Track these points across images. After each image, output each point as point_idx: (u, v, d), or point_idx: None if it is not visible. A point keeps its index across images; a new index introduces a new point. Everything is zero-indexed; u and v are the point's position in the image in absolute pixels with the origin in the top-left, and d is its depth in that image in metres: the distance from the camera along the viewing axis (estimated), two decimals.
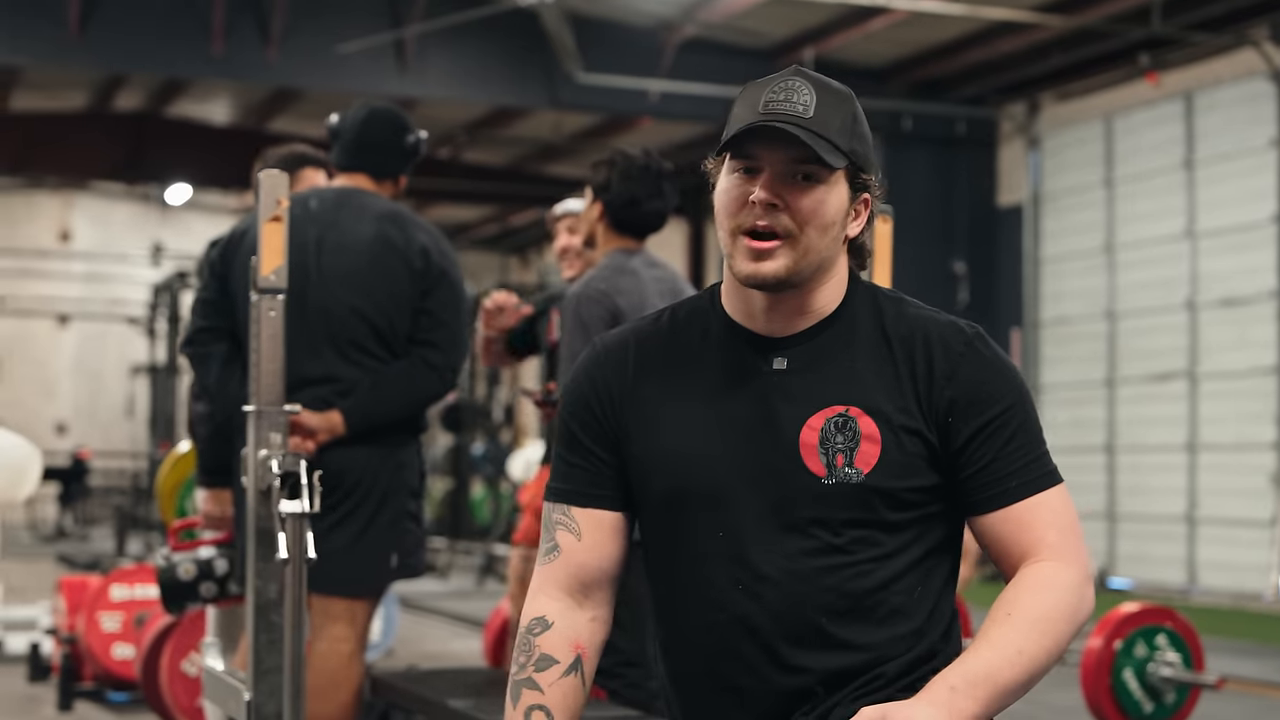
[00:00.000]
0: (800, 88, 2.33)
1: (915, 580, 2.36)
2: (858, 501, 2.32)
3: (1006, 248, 18.94)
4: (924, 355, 2.35)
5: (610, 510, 2.45)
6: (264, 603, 3.74)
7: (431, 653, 9.91)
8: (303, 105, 20.15)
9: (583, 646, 2.44)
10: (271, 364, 3.78)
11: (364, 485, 4.52)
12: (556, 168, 23.80)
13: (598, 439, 2.45)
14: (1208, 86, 16.52)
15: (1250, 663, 9.68)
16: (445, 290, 4.66)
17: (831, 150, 2.30)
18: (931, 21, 16.30)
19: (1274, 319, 15.72)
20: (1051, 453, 2.40)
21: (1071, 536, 2.34)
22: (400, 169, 4.85)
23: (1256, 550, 15.63)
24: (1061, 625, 2.27)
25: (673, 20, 17.09)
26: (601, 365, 2.47)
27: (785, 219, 2.31)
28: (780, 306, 2.38)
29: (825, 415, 2.33)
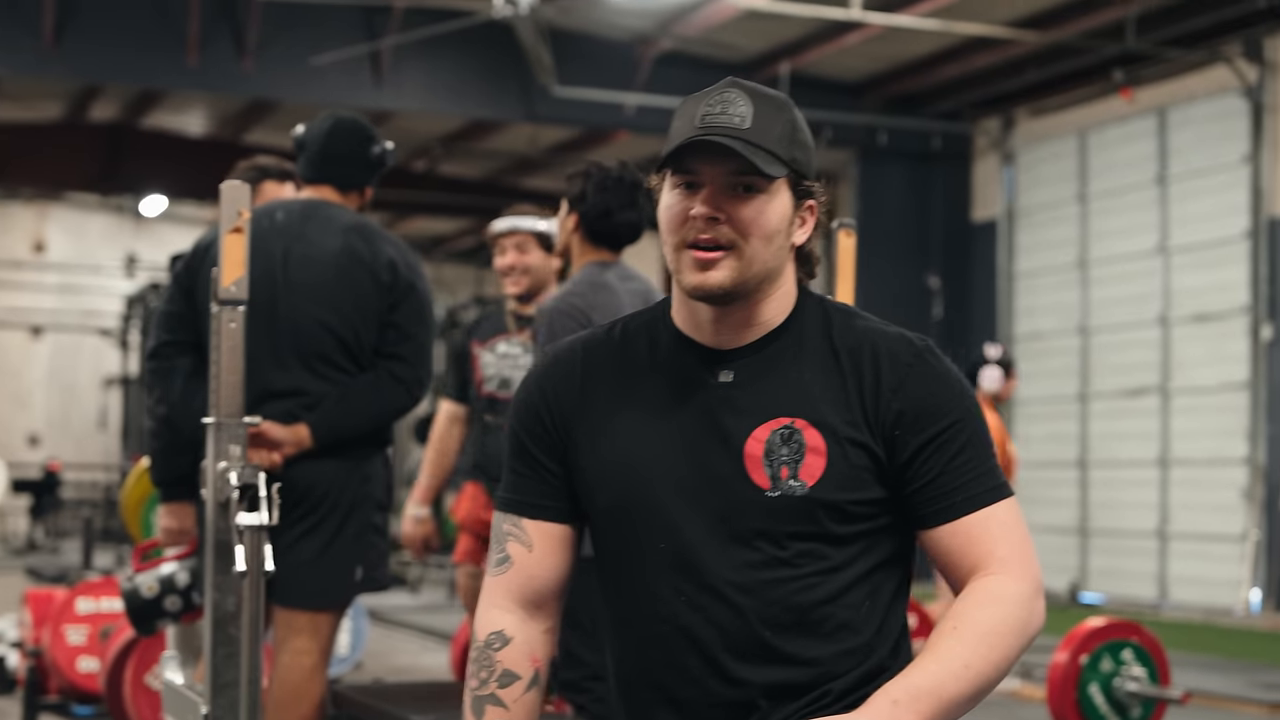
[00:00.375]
0: (736, 99, 2.32)
1: (863, 594, 2.34)
2: (803, 514, 2.30)
3: (981, 263, 18.99)
4: (871, 367, 2.34)
5: (559, 523, 2.44)
6: (222, 616, 3.73)
7: (400, 666, 9.88)
8: (278, 117, 20.11)
9: (539, 660, 2.44)
10: (231, 376, 3.77)
11: (330, 498, 4.51)
12: (533, 181, 23.79)
13: (546, 450, 2.44)
14: (1181, 102, 16.58)
15: (1218, 677, 9.70)
16: (412, 303, 4.65)
17: (770, 160, 2.29)
18: (907, 36, 16.34)
19: (1246, 335, 15.77)
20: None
21: (1021, 550, 2.32)
22: (366, 180, 4.83)
23: (1227, 565, 15.67)
24: (1009, 639, 2.26)
25: (648, 34, 17.11)
26: (551, 375, 2.46)
27: (727, 231, 2.30)
28: (727, 319, 2.36)
29: (771, 427, 2.32)
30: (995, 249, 18.89)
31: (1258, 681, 9.88)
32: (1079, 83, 17.47)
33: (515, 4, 14.55)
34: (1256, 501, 15.51)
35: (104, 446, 29.05)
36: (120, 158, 22.18)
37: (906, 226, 19.05)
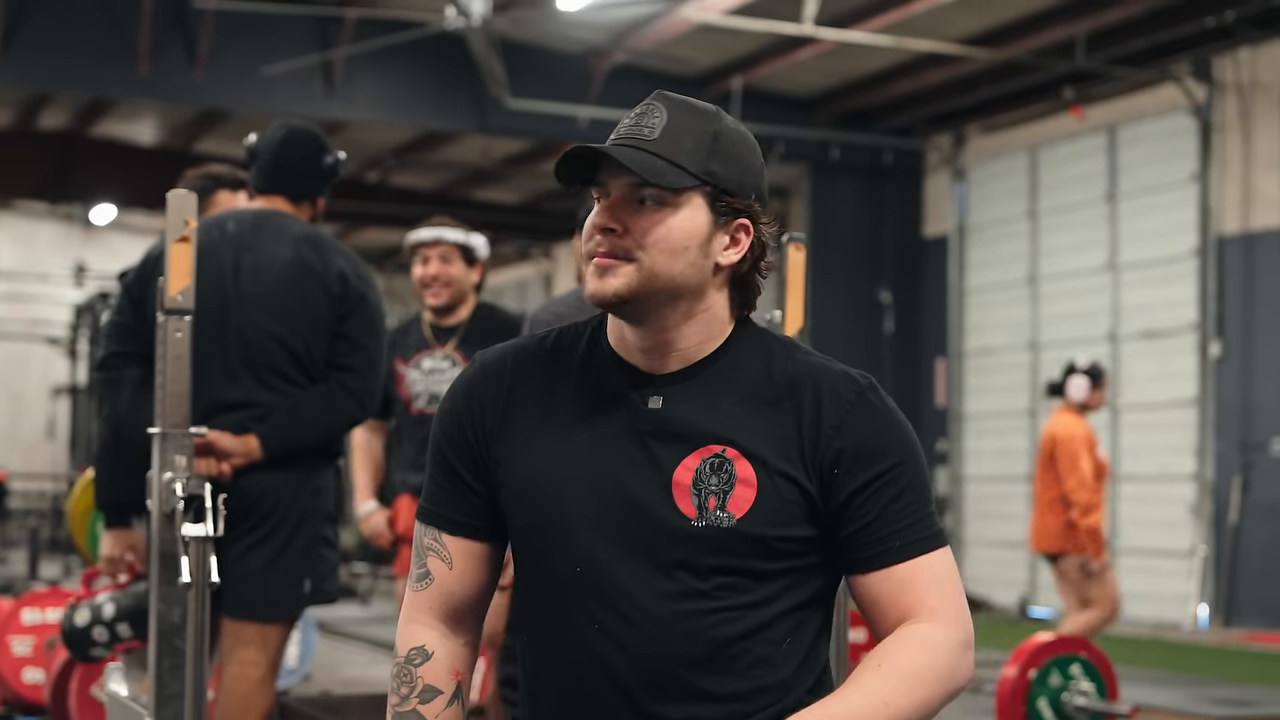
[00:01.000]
0: (654, 110, 2.27)
1: (784, 631, 2.28)
2: (727, 547, 2.23)
3: (932, 278, 19.06)
4: (813, 403, 2.27)
5: (479, 540, 2.39)
6: (167, 627, 3.70)
7: (349, 679, 9.84)
8: (230, 126, 20.02)
9: (461, 673, 2.41)
10: (177, 386, 3.75)
11: (280, 510, 4.49)
12: (485, 192, 23.75)
13: (467, 463, 2.38)
14: (1131, 121, 16.69)
15: (1166, 692, 9.75)
16: (362, 314, 4.63)
17: (671, 170, 2.22)
18: (859, 52, 16.40)
19: (1194, 351, 15.88)
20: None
21: (953, 600, 2.26)
22: (318, 190, 4.82)
23: (1176, 581, 15.76)
24: (934, 686, 2.20)
25: (602, 47, 17.12)
26: (478, 386, 2.39)
27: (625, 242, 2.25)
28: (649, 340, 2.30)
29: (700, 456, 2.25)
30: (946, 264, 18.97)
31: (1206, 696, 9.93)
32: (1030, 100, 17.57)
33: (468, 16, 14.52)
34: (1204, 517, 15.61)
35: (51, 456, 28.84)
36: (70, 166, 22.02)
37: (858, 241, 19.10)
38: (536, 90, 17.22)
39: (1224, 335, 15.58)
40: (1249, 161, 15.40)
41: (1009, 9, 15.33)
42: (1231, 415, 15.45)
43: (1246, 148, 15.44)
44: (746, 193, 2.29)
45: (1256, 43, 15.23)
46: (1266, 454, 15.04)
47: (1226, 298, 15.57)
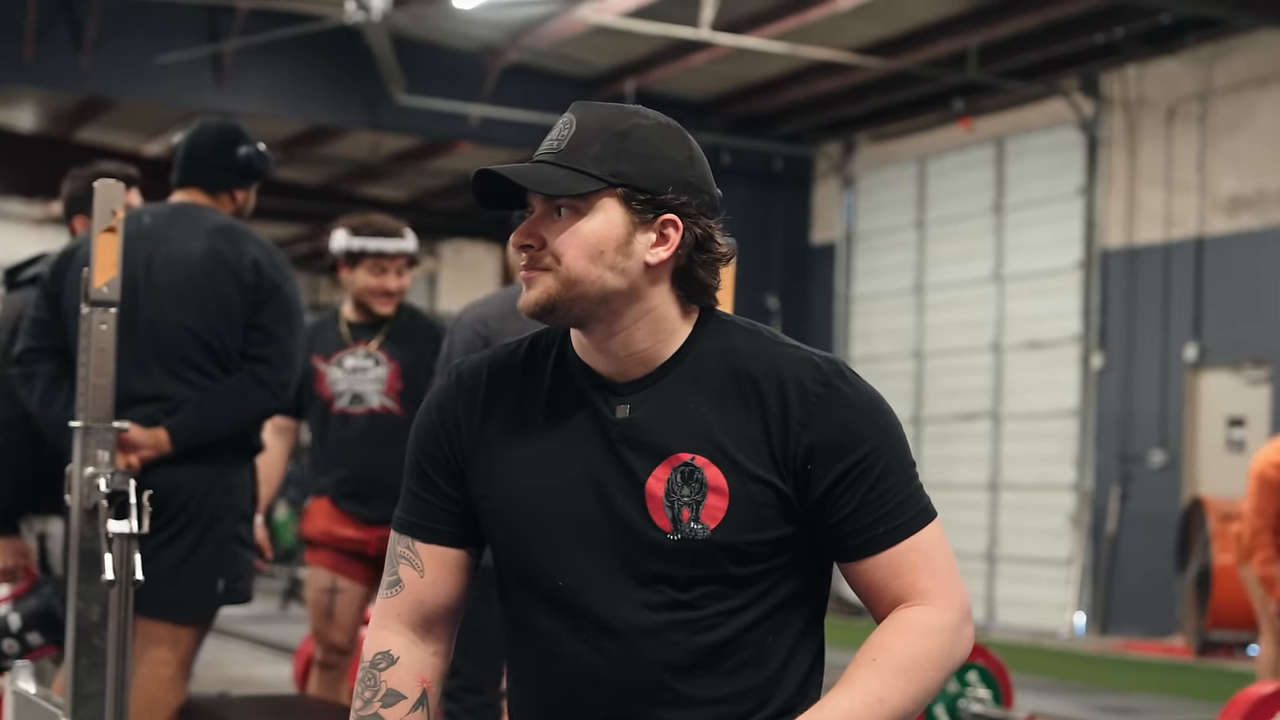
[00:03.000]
0: (567, 122, 2.28)
1: (766, 632, 2.27)
2: (704, 558, 2.22)
3: (819, 285, 19.19)
4: (778, 399, 2.24)
5: (454, 548, 2.37)
6: (85, 625, 3.62)
7: (235, 678, 9.71)
8: (113, 115, 19.73)
9: (428, 681, 2.38)
10: (101, 379, 3.67)
11: (191, 506, 4.42)
12: (371, 189, 23.58)
13: (444, 475, 2.36)
14: (1018, 133, 16.90)
15: (1053, 700, 9.86)
16: (277, 304, 4.57)
17: (570, 177, 2.22)
18: (752, 58, 16.45)
19: (1076, 363, 16.10)
20: None
21: (945, 578, 2.25)
22: (234, 182, 4.74)
23: (1054, 589, 15.97)
24: (930, 672, 2.20)
25: (497, 45, 17.04)
26: (454, 397, 2.38)
27: (543, 255, 2.25)
28: (599, 347, 2.29)
29: (671, 465, 2.23)
30: (834, 272, 19.10)
31: (1091, 704, 10.07)
32: (920, 110, 17.73)
33: (368, 10, 14.40)
34: (1083, 527, 15.84)
35: None
36: None
37: (747, 247, 19.11)
38: (429, 87, 17.12)
39: (1106, 347, 15.81)
40: (1134, 177, 15.65)
41: (903, 19, 15.45)
42: (1111, 426, 15.69)
43: (1131, 163, 15.68)
44: (663, 187, 2.25)
45: (1144, 60, 15.49)
46: (1145, 465, 15.28)
47: (1109, 311, 15.81)
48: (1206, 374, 14.93)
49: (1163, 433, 15.15)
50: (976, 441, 17.07)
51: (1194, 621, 13.45)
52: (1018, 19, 14.85)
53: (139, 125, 20.24)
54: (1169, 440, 15.09)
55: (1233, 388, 14.70)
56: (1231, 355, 14.66)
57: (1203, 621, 13.25)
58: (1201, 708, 9.93)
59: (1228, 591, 13.00)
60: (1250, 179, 14.56)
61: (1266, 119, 14.44)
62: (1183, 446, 14.98)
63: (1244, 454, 14.53)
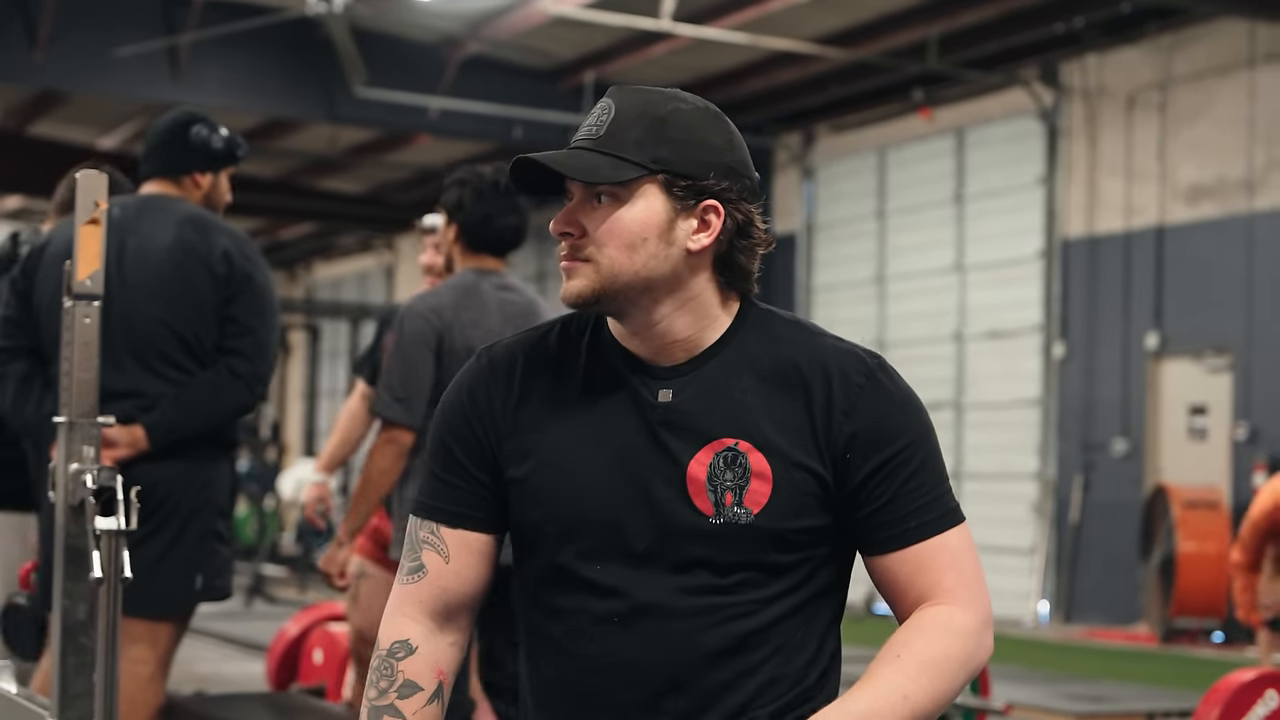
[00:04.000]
0: (604, 108, 2.25)
1: (799, 623, 2.26)
2: (746, 543, 2.21)
3: (780, 275, 19.16)
4: (822, 387, 2.24)
5: (481, 533, 2.33)
6: (72, 624, 3.55)
7: (204, 675, 9.64)
8: (68, 109, 19.58)
9: (444, 673, 2.33)
10: (85, 374, 3.60)
11: (169, 503, 4.36)
12: (329, 182, 23.49)
13: (474, 458, 2.32)
14: (979, 123, 16.93)
15: (1024, 689, 9.87)
16: (250, 295, 4.51)
17: (611, 164, 2.20)
18: (712, 49, 16.43)
19: (1038, 352, 16.15)
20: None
21: (971, 579, 2.25)
22: (193, 164, 4.66)
23: (1017, 577, 16.01)
24: (953, 671, 2.19)
25: (457, 36, 16.96)
26: (485, 380, 2.34)
27: (584, 244, 2.23)
28: (639, 333, 2.27)
29: (714, 449, 2.22)
30: (794, 262, 19.09)
31: (1061, 693, 10.09)
32: (879, 101, 17.74)
33: (329, 1, 14.31)
34: (1046, 515, 15.89)
35: None
36: None
37: None
38: (388, 79, 17.03)
39: (1067, 336, 15.86)
40: (1094, 166, 15.70)
41: (863, 9, 15.45)
42: (1073, 415, 15.75)
43: (1092, 152, 15.73)
44: (705, 172, 2.23)
45: (1104, 49, 15.53)
46: (1107, 454, 15.34)
47: (1070, 300, 15.85)
48: (1168, 362, 14.99)
49: (1125, 421, 15.20)
50: (939, 432, 16.62)
51: (1158, 609, 13.50)
52: (977, 9, 14.87)
53: (94, 119, 20.09)
54: (1131, 428, 15.15)
55: (1194, 376, 14.76)
56: (1193, 343, 14.72)
57: (1167, 609, 13.31)
58: (1169, 695, 9.96)
59: (1191, 579, 13.07)
60: (1210, 168, 14.62)
61: (1226, 107, 14.50)
62: (1145, 435, 15.04)
63: (1206, 441, 14.61)
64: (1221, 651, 12.65)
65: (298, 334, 27.56)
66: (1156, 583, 13.52)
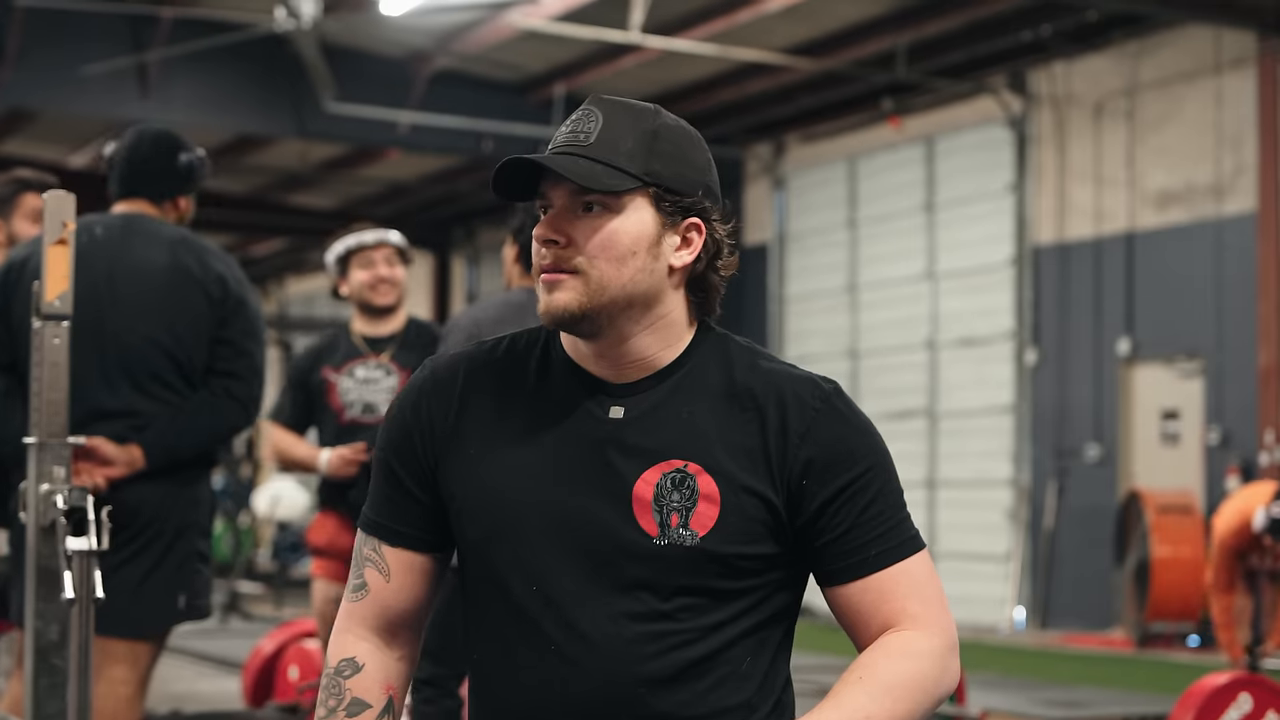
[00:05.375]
0: (590, 115, 2.20)
1: (746, 651, 2.20)
2: (690, 566, 2.16)
3: (752, 286, 19.18)
4: (777, 412, 2.19)
5: (421, 552, 2.31)
6: (45, 645, 3.55)
7: (180, 694, 9.59)
8: (37, 127, 19.52)
9: (394, 688, 2.32)
10: (55, 394, 3.60)
11: (157, 523, 4.36)
12: (300, 198, 23.45)
13: (414, 475, 2.29)
14: (948, 132, 16.97)
15: (1000, 695, 9.88)
16: (244, 319, 4.54)
17: (609, 174, 2.15)
18: (681, 61, 16.45)
19: (1011, 359, 16.19)
20: None
21: (935, 605, 2.21)
22: (178, 190, 4.69)
23: (993, 584, 16.04)
24: (918, 696, 2.15)
25: (425, 51, 16.96)
26: (428, 394, 2.30)
27: (571, 253, 2.17)
28: (606, 351, 2.22)
29: (661, 470, 2.17)
30: (767, 273, 19.11)
31: (1037, 699, 10.10)
32: (849, 110, 17.77)
33: (298, 18, 14.29)
34: (1021, 522, 15.92)
35: None
36: None
37: None
38: (357, 94, 17.02)
39: (1039, 343, 15.90)
40: (1063, 173, 15.75)
41: (831, 19, 15.49)
42: (1046, 421, 15.78)
43: (1061, 159, 15.78)
44: (693, 190, 2.22)
45: (1071, 57, 15.58)
46: (1081, 459, 15.38)
47: (1042, 306, 15.90)
48: (1140, 368, 15.04)
49: (1098, 427, 15.25)
50: (913, 440, 17.12)
51: (1133, 614, 13.53)
52: (944, 18, 14.92)
53: (63, 137, 20.03)
54: (1104, 434, 15.19)
55: (1166, 381, 14.81)
56: (1164, 349, 14.77)
57: (1142, 614, 13.34)
58: (1145, 699, 9.98)
59: (1166, 583, 13.11)
60: (1179, 173, 14.68)
61: (1193, 113, 14.56)
62: (1118, 440, 15.09)
63: (1178, 446, 14.66)
64: (1197, 655, 12.68)
65: (271, 350, 27.49)
66: (1131, 588, 13.56)
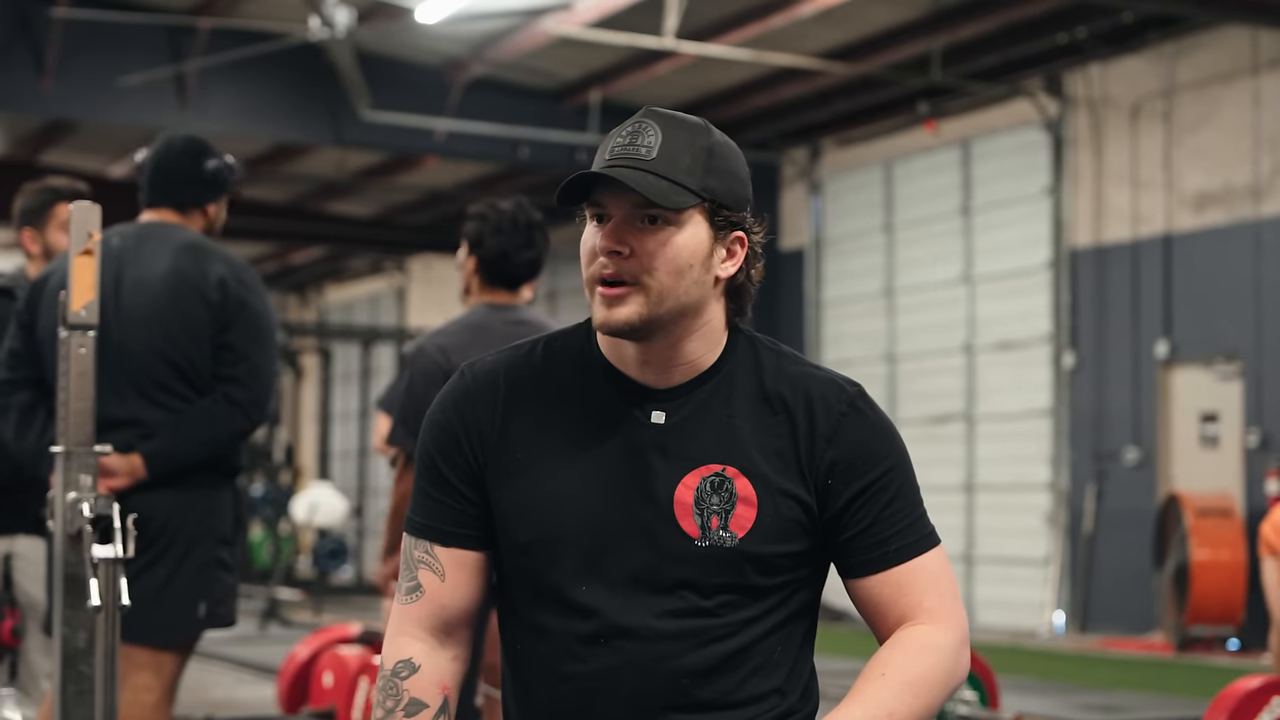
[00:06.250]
0: (647, 129, 2.27)
1: (777, 641, 2.33)
2: (730, 566, 2.27)
3: (789, 291, 19.18)
4: (805, 414, 2.31)
5: (474, 550, 2.37)
6: (72, 652, 3.57)
7: (218, 700, 9.65)
8: (78, 137, 19.66)
9: (448, 687, 2.38)
10: (81, 403, 3.63)
11: (169, 531, 4.37)
12: (338, 205, 23.54)
13: (463, 476, 2.36)
14: (984, 135, 16.94)
15: (1037, 700, 9.86)
16: (246, 322, 4.50)
17: (675, 190, 2.23)
18: (716, 66, 16.47)
19: (1048, 362, 16.14)
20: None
21: (949, 600, 2.34)
22: (206, 197, 4.69)
23: (1032, 588, 16.00)
24: (935, 689, 2.27)
25: (461, 59, 17.01)
26: (470, 397, 2.37)
27: (633, 265, 2.24)
28: (651, 357, 2.31)
29: (701, 474, 2.28)
30: (803, 277, 19.10)
31: (1075, 703, 10.07)
32: (885, 114, 17.75)
33: (332, 27, 14.36)
34: (1059, 525, 15.86)
35: None
36: None
37: None
38: (393, 102, 17.09)
39: (1077, 346, 15.85)
40: (1100, 175, 15.70)
41: (865, 24, 15.47)
42: (1085, 425, 15.73)
43: (1097, 162, 15.73)
44: (741, 205, 2.32)
45: (1106, 59, 15.53)
46: (1119, 463, 15.32)
47: (1079, 309, 15.84)
48: (1178, 370, 14.97)
49: (1136, 430, 15.18)
50: (951, 444, 17.08)
51: (1173, 618, 13.48)
52: (979, 21, 14.89)
53: (103, 147, 20.16)
54: (1143, 437, 15.13)
55: (1205, 383, 14.74)
56: (1202, 351, 14.70)
57: (1182, 617, 13.28)
58: (1184, 704, 9.94)
59: (1206, 587, 13.05)
60: (1216, 175, 14.61)
61: (1231, 114, 14.50)
62: (1156, 443, 15.02)
63: (1218, 449, 14.58)
64: (1237, 659, 12.62)
65: (310, 357, 27.61)
66: (1171, 591, 13.50)
